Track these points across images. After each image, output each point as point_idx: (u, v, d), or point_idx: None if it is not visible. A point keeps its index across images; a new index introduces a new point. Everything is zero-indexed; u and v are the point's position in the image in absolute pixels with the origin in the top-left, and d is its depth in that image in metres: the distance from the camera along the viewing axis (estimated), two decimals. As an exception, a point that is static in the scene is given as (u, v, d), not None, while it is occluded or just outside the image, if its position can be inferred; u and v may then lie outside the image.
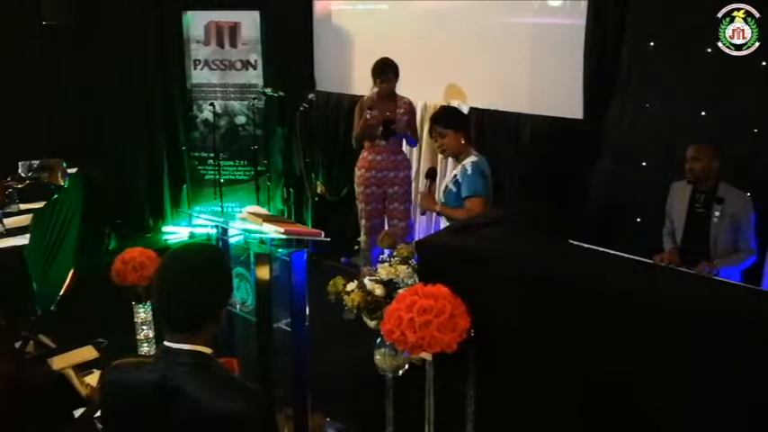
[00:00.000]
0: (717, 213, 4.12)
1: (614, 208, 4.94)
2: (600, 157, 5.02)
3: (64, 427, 2.63)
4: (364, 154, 5.43)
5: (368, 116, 5.25)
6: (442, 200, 4.27)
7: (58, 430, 2.61)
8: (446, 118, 4.28)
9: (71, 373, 2.85)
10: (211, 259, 1.95)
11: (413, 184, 5.68)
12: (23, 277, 2.67)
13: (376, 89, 5.33)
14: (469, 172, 4.05)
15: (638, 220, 4.82)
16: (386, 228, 5.54)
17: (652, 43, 4.66)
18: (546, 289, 2.42)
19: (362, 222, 5.54)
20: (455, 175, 4.16)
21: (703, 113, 4.44)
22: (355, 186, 5.54)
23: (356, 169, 5.49)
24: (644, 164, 4.79)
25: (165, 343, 1.88)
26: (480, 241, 2.62)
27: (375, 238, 5.49)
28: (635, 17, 4.75)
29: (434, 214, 5.15)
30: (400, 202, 5.43)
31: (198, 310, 1.88)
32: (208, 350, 1.88)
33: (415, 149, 5.93)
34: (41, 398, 2.50)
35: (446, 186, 4.25)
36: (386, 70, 5.22)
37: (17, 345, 2.71)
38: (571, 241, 2.77)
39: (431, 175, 4.41)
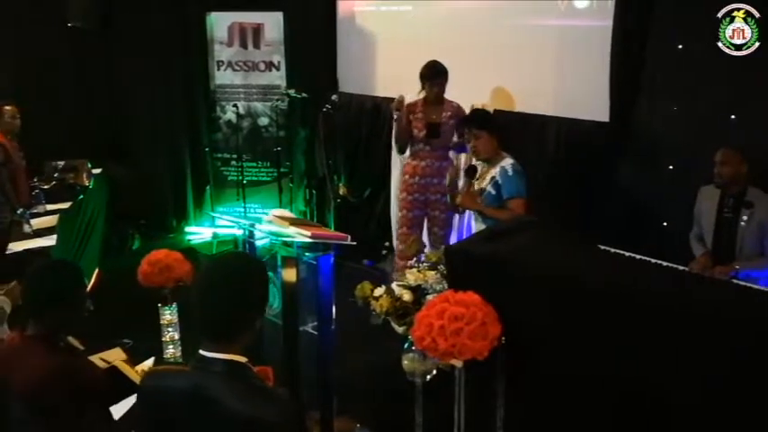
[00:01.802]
0: (744, 218, 4.08)
1: (640, 212, 4.89)
2: (626, 161, 4.97)
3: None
4: (408, 160, 5.32)
5: (395, 116, 5.16)
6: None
7: (111, 422, 2.66)
8: (480, 119, 4.26)
9: (122, 363, 2.91)
10: (249, 269, 1.95)
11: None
12: (80, 274, 2.72)
13: (423, 93, 5.17)
14: (510, 173, 4.03)
15: (665, 224, 4.77)
16: (424, 235, 5.48)
17: (680, 45, 4.61)
18: (577, 295, 2.39)
19: (401, 230, 5.37)
20: (493, 177, 4.13)
21: (732, 116, 4.39)
22: (398, 192, 5.43)
23: (401, 175, 5.41)
24: (671, 167, 4.74)
25: (201, 352, 1.88)
26: (510, 248, 2.60)
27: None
28: (661, 18, 4.70)
29: (464, 220, 5.12)
30: (441, 210, 5.25)
31: (235, 319, 1.88)
32: (243, 359, 1.88)
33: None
34: (96, 390, 2.55)
35: (483, 189, 4.22)
36: (438, 75, 5.08)
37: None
38: (602, 247, 2.74)
39: (471, 172, 4.35)
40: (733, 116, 4.38)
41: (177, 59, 7.12)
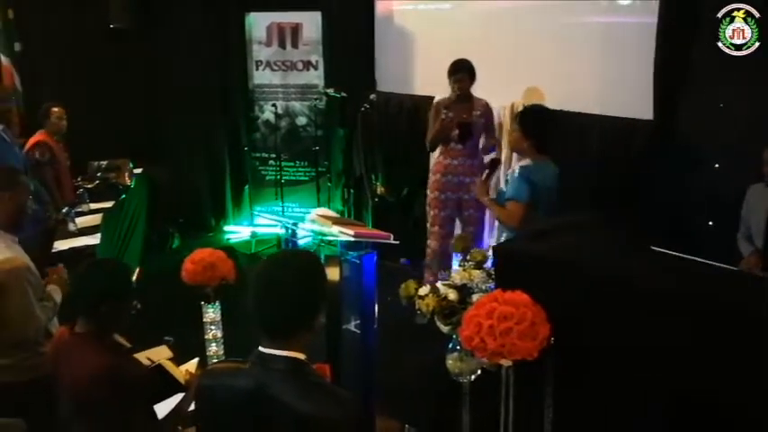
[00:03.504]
0: (796, 217, 3.99)
1: (686, 211, 4.81)
2: (670, 159, 4.89)
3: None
4: (439, 158, 5.28)
5: (443, 116, 5.14)
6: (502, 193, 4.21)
7: (155, 420, 2.68)
8: (521, 117, 4.18)
9: (167, 362, 2.94)
10: (312, 267, 1.95)
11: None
12: (129, 273, 2.75)
13: (451, 90, 5.17)
14: (516, 175, 3.97)
15: (711, 223, 4.69)
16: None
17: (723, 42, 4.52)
18: (627, 296, 2.36)
19: (434, 229, 5.34)
20: (509, 175, 4.11)
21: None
22: (428, 191, 5.38)
23: (430, 174, 5.34)
24: (717, 165, 4.65)
25: (260, 349, 1.89)
26: (559, 247, 2.57)
27: (450, 245, 5.43)
28: (707, 14, 4.61)
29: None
30: (475, 209, 5.20)
31: (296, 317, 1.88)
32: (302, 356, 1.88)
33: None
34: (141, 389, 2.59)
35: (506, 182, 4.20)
36: (459, 70, 5.07)
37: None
38: (654, 248, 2.69)
39: (493, 165, 4.36)
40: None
41: (216, 59, 7.18)
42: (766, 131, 4.29)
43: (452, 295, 2.89)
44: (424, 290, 2.94)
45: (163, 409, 2.91)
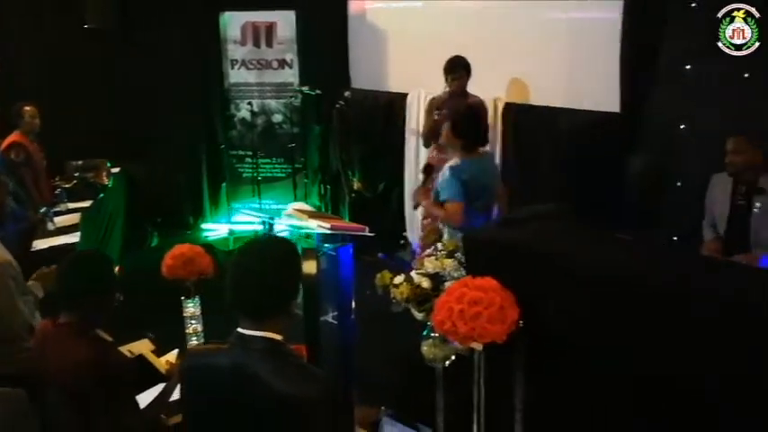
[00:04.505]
0: (758, 205, 4.09)
1: (652, 201, 4.93)
2: (637, 150, 5.01)
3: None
4: (433, 153, 5.35)
5: (436, 116, 5.22)
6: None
7: (137, 409, 2.74)
8: (453, 115, 4.26)
9: (149, 353, 3.00)
10: (288, 251, 2.03)
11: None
12: (111, 265, 2.81)
13: (447, 87, 5.27)
14: (447, 176, 4.03)
15: (677, 213, 4.81)
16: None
17: (692, 38, 4.64)
18: (594, 282, 2.43)
19: (426, 221, 5.25)
20: (440, 175, 4.19)
21: (745, 105, 4.41)
22: (422, 185, 5.48)
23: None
24: (682, 157, 4.77)
25: (239, 329, 1.96)
26: (528, 235, 2.66)
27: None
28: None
29: None
30: None
31: (273, 298, 1.95)
32: (279, 337, 1.96)
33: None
34: (124, 378, 2.66)
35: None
36: (457, 68, 5.17)
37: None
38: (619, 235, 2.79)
39: (427, 170, 4.54)
40: (746, 105, 4.40)
41: (192, 59, 7.21)
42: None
43: (426, 283, 2.97)
44: (398, 278, 3.03)
45: (145, 399, 2.97)
